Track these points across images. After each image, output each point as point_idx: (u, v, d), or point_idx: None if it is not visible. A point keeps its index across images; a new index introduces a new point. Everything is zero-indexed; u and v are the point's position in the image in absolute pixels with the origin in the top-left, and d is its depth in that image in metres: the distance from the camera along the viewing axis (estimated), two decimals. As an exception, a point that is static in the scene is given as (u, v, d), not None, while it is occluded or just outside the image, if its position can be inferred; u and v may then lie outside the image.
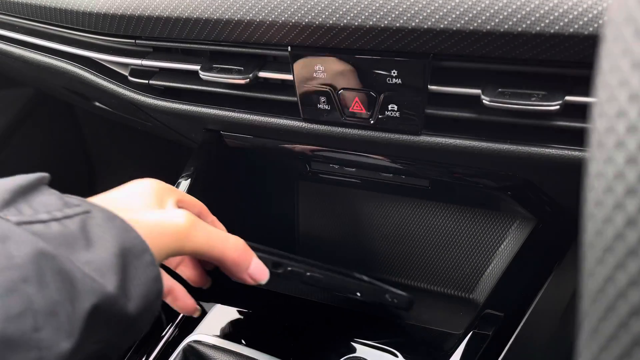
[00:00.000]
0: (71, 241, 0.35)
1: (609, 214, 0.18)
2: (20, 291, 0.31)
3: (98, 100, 0.87)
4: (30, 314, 0.31)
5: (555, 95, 0.43)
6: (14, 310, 0.30)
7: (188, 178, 0.65)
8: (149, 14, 0.55)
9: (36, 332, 0.31)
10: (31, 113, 1.21)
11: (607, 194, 0.18)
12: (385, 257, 0.78)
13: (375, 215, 0.78)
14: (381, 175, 0.67)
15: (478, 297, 0.71)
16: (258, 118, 0.58)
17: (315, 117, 0.54)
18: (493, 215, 0.70)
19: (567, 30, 0.39)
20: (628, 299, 0.17)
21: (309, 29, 0.47)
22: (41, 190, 0.38)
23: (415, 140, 0.51)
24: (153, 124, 0.79)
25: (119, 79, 0.66)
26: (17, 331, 0.30)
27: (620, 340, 0.17)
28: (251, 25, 0.50)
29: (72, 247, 0.35)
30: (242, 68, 0.55)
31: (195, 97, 0.61)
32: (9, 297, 0.30)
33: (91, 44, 0.65)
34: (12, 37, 0.75)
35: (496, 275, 0.69)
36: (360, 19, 0.45)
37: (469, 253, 0.72)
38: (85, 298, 0.33)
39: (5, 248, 0.32)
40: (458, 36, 0.43)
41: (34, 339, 0.31)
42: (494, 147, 0.49)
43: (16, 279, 0.31)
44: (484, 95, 0.45)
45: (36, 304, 0.31)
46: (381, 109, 0.50)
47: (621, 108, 0.17)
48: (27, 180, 0.37)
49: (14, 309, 0.30)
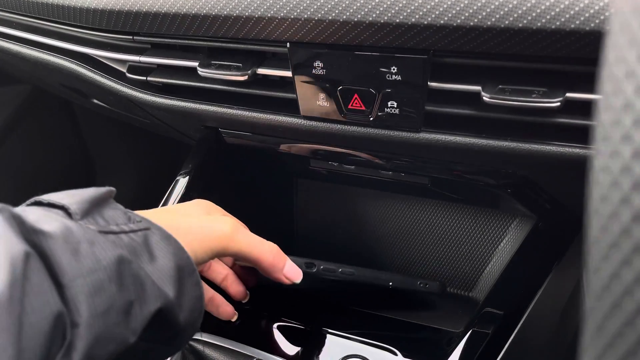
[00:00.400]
0: (138, 252, 0.39)
1: (615, 209, 0.17)
2: (106, 291, 0.35)
3: (96, 97, 0.87)
4: (113, 311, 0.35)
5: (556, 92, 0.43)
6: (100, 308, 0.34)
7: (186, 175, 0.65)
8: (147, 10, 0.54)
9: (115, 326, 0.36)
10: (29, 110, 1.20)
11: (613, 188, 0.17)
12: (384, 255, 0.78)
13: (374, 213, 0.78)
14: (380, 172, 0.66)
15: (477, 295, 0.70)
16: (257, 115, 0.58)
17: (314, 114, 0.54)
18: (493, 213, 0.70)
19: (569, 27, 0.38)
20: (634, 296, 0.17)
21: (308, 25, 0.47)
22: (109, 203, 0.42)
23: (415, 137, 0.51)
24: (151, 121, 0.78)
25: (116, 75, 0.66)
26: (102, 325, 0.34)
27: (626, 338, 0.17)
28: (250, 21, 0.49)
29: (139, 258, 0.39)
30: (240, 65, 0.54)
31: (193, 94, 0.61)
32: (97, 296, 0.34)
33: (88, 41, 0.65)
34: (9, 34, 0.75)
35: (496, 274, 0.69)
36: (359, 15, 0.44)
37: (468, 251, 0.72)
38: (152, 302, 0.38)
39: (93, 251, 0.36)
40: (458, 32, 0.42)
41: (114, 333, 0.36)
42: (494, 144, 0.48)
43: (103, 279, 0.35)
44: (484, 92, 0.45)
45: (117, 303, 0.36)
46: (381, 106, 0.50)
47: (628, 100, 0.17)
48: (99, 193, 0.42)
49: (101, 306, 0.35)
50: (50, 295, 0.32)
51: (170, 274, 0.40)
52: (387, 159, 0.61)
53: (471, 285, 0.72)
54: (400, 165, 0.62)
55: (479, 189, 0.62)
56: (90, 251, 0.35)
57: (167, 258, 0.41)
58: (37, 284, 0.31)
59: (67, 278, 0.33)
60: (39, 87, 1.16)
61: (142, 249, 0.40)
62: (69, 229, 0.35)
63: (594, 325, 0.18)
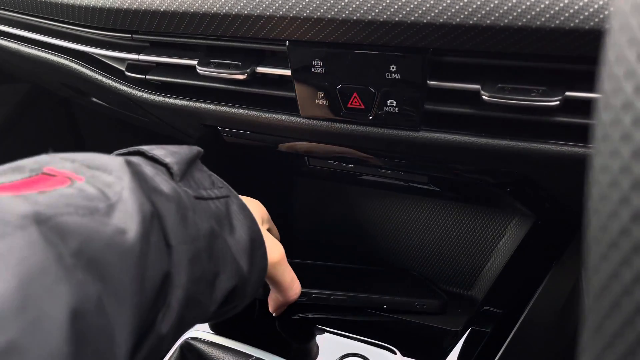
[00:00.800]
0: (222, 221, 0.41)
1: (614, 208, 0.17)
2: (201, 260, 0.37)
3: (94, 96, 0.87)
4: (203, 280, 0.37)
5: (555, 90, 0.43)
6: (196, 275, 0.36)
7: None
8: (146, 8, 0.54)
9: (202, 294, 0.38)
10: (28, 108, 1.20)
11: (613, 188, 0.17)
12: (383, 254, 0.78)
13: (372, 212, 0.78)
14: (379, 171, 0.66)
15: (476, 294, 0.70)
16: (256, 114, 0.58)
17: (314, 112, 0.54)
18: (492, 212, 0.70)
19: (568, 25, 0.38)
20: (634, 296, 0.17)
21: (307, 24, 0.47)
22: (197, 164, 0.44)
23: (414, 136, 0.51)
24: (150, 119, 0.78)
25: (115, 74, 0.65)
26: (194, 292, 0.36)
27: (625, 338, 0.17)
28: (249, 20, 0.49)
29: (223, 228, 0.41)
30: (239, 63, 0.54)
31: (192, 93, 0.61)
32: (195, 263, 0.36)
33: (87, 39, 0.64)
34: (7, 32, 0.75)
35: (495, 272, 0.69)
36: (359, 13, 0.44)
37: (467, 250, 0.72)
38: (232, 275, 0.41)
39: (194, 220, 0.37)
40: (458, 31, 0.42)
41: (201, 299, 0.38)
42: (493, 143, 0.48)
43: (200, 249, 0.37)
44: (483, 90, 0.44)
45: (207, 273, 0.38)
46: (380, 104, 0.50)
47: (627, 99, 0.17)
48: (193, 154, 0.44)
49: (196, 274, 0.36)
50: (163, 255, 0.34)
51: (245, 247, 0.42)
52: (387, 157, 0.61)
53: (470, 283, 0.72)
54: (399, 164, 0.62)
55: (478, 188, 0.62)
56: (193, 219, 0.37)
57: (243, 230, 0.43)
58: (156, 242, 0.33)
59: (176, 242, 0.35)
60: (38, 85, 1.16)
61: (225, 218, 0.42)
62: (178, 193, 0.37)
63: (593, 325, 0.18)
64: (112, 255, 0.29)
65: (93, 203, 0.30)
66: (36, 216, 0.26)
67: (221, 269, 0.39)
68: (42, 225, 0.26)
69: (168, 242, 0.35)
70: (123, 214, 0.31)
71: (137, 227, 0.31)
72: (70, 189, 0.31)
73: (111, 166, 0.34)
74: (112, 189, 0.32)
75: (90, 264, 0.27)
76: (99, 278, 0.27)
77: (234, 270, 0.41)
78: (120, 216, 0.31)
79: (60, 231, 0.27)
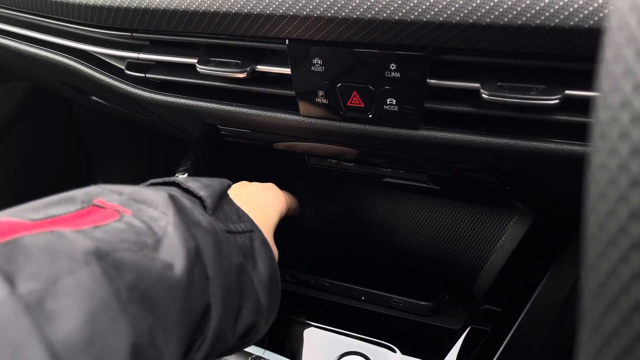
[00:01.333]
0: (247, 256, 0.42)
1: (612, 206, 0.17)
2: (231, 294, 0.38)
3: (95, 94, 0.87)
4: (230, 314, 0.38)
5: (554, 89, 0.43)
6: (226, 308, 0.37)
7: (185, 172, 0.65)
8: (146, 7, 0.54)
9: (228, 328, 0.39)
10: (28, 107, 1.20)
11: (611, 186, 0.17)
12: (383, 253, 0.78)
13: (372, 211, 0.78)
14: (379, 170, 0.66)
15: (476, 292, 0.70)
16: (255, 112, 0.58)
17: (313, 111, 0.54)
18: (491, 210, 0.70)
19: (568, 24, 0.38)
20: (631, 294, 0.17)
21: (307, 22, 0.47)
22: (226, 197, 0.45)
23: (414, 134, 0.51)
24: (150, 118, 0.78)
25: (115, 72, 0.65)
26: (224, 324, 0.37)
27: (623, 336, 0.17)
28: (249, 18, 0.49)
29: (247, 262, 0.42)
30: (239, 61, 0.54)
31: (192, 91, 0.61)
32: (226, 297, 0.37)
33: (87, 37, 0.64)
34: (7, 30, 0.74)
35: (494, 271, 0.69)
36: (358, 12, 0.44)
37: (467, 248, 0.72)
38: (251, 310, 0.41)
39: (227, 254, 0.39)
40: (457, 29, 0.42)
41: (226, 333, 0.38)
42: (492, 141, 0.48)
43: (231, 283, 0.38)
44: (483, 89, 0.44)
45: (233, 307, 0.39)
46: (380, 103, 0.50)
47: (625, 98, 0.17)
48: (222, 188, 0.45)
49: (226, 308, 0.37)
50: (204, 287, 0.35)
51: (265, 283, 0.43)
52: (386, 156, 0.61)
53: (470, 282, 0.72)
54: (399, 162, 0.62)
55: (478, 186, 0.62)
56: (227, 253, 0.38)
57: (264, 267, 0.44)
58: (199, 275, 0.34)
59: (213, 274, 0.36)
60: (38, 84, 1.16)
61: (249, 253, 0.43)
62: (214, 227, 0.38)
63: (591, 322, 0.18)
64: (162, 289, 0.30)
65: (142, 238, 0.31)
66: (97, 252, 0.27)
67: (244, 303, 0.40)
68: (103, 261, 0.27)
69: (207, 274, 0.36)
70: (170, 249, 0.32)
71: (182, 262, 0.32)
72: (120, 223, 0.32)
73: (156, 201, 0.35)
74: (158, 224, 0.33)
75: (142, 298, 0.28)
76: (150, 312, 0.28)
77: (255, 305, 0.42)
78: (167, 251, 0.32)
79: (117, 267, 0.28)
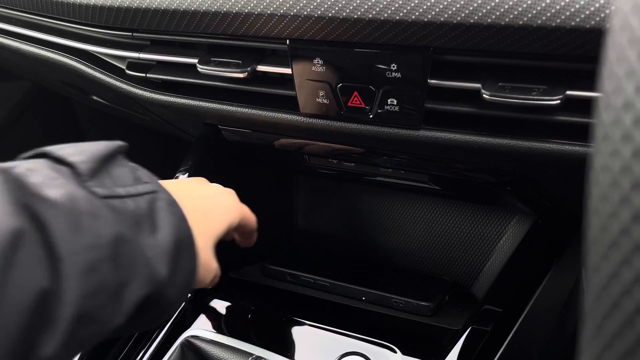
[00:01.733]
0: (140, 222, 0.37)
1: (615, 208, 0.17)
2: (99, 271, 0.33)
3: (95, 94, 0.87)
4: (103, 292, 0.34)
5: (556, 89, 0.43)
6: (91, 287, 0.33)
7: (186, 172, 0.65)
8: (146, 7, 0.54)
9: (102, 308, 0.34)
10: (28, 106, 1.20)
11: (613, 188, 0.17)
12: (383, 253, 0.78)
13: (373, 210, 0.78)
14: (380, 170, 0.66)
15: (477, 293, 0.70)
16: (256, 112, 0.58)
17: (314, 111, 0.54)
18: (492, 210, 0.70)
19: (569, 24, 0.38)
20: (634, 296, 0.17)
21: (308, 22, 0.47)
22: (118, 160, 0.40)
23: (415, 134, 0.51)
24: (150, 117, 0.78)
25: (116, 72, 0.65)
26: (89, 307, 0.33)
27: (625, 338, 0.17)
28: (249, 18, 0.49)
29: (140, 229, 0.37)
30: (240, 61, 0.54)
31: (192, 91, 0.61)
32: (90, 275, 0.33)
33: (88, 37, 0.64)
34: (8, 30, 0.74)
35: (495, 271, 0.69)
36: (359, 12, 0.44)
37: (468, 248, 0.72)
38: (143, 283, 0.36)
39: (94, 226, 0.34)
40: (458, 29, 0.42)
41: (99, 314, 0.34)
42: (493, 142, 0.48)
43: (99, 258, 0.33)
44: (484, 89, 0.44)
45: (108, 284, 0.34)
46: (380, 103, 0.50)
47: (628, 99, 0.17)
48: (110, 149, 0.40)
49: (92, 287, 0.33)
50: (38, 270, 0.30)
51: (168, 249, 0.38)
52: (387, 156, 0.61)
53: (471, 282, 0.72)
54: (400, 162, 0.62)
55: (479, 187, 0.62)
56: (91, 226, 0.33)
57: (168, 231, 0.39)
58: (26, 257, 0.30)
59: (64, 253, 0.32)
60: (39, 83, 1.16)
61: (146, 218, 0.38)
62: (73, 198, 0.34)
63: (593, 324, 0.18)
64: None
65: None
66: None
67: (129, 278, 0.36)
68: None
69: (54, 253, 0.31)
70: None
71: None
72: None
73: None
74: None
75: None
76: None
77: (148, 276, 0.37)
78: None
79: None
